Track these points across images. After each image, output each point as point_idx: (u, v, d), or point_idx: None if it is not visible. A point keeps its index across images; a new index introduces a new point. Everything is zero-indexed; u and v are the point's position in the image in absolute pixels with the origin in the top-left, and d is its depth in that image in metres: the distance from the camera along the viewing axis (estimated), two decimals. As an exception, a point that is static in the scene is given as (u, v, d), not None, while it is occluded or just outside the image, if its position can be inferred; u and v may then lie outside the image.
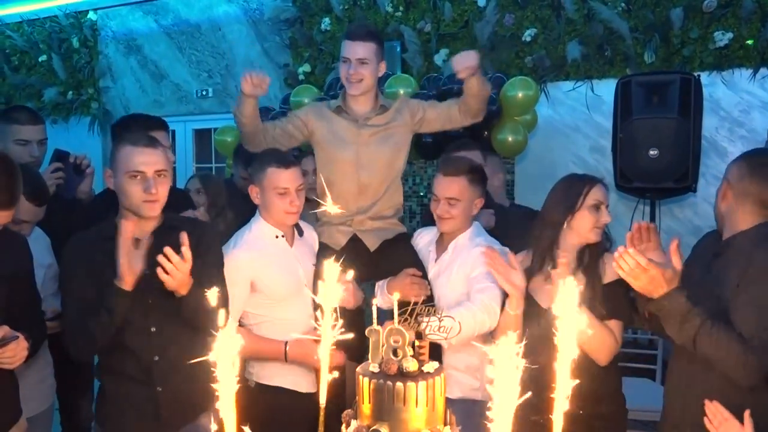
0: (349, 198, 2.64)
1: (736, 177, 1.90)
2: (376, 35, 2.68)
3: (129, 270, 1.86)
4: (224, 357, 1.05)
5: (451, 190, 2.40)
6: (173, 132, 5.95)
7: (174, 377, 2.03)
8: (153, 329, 2.02)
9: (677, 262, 1.79)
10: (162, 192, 2.00)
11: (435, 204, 2.46)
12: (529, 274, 2.18)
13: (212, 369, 0.99)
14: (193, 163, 6.01)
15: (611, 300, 2.08)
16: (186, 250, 1.84)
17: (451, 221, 2.43)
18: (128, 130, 2.48)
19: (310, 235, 2.59)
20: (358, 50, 2.56)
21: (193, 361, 2.09)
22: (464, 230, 2.49)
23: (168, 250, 1.82)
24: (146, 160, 1.97)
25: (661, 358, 3.35)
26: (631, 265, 1.74)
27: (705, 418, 1.67)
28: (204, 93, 5.77)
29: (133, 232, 1.88)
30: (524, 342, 0.98)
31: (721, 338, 1.73)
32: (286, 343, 2.29)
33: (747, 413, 1.59)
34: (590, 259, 2.14)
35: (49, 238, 2.43)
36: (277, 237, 2.40)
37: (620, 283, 2.07)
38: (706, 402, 1.67)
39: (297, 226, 2.49)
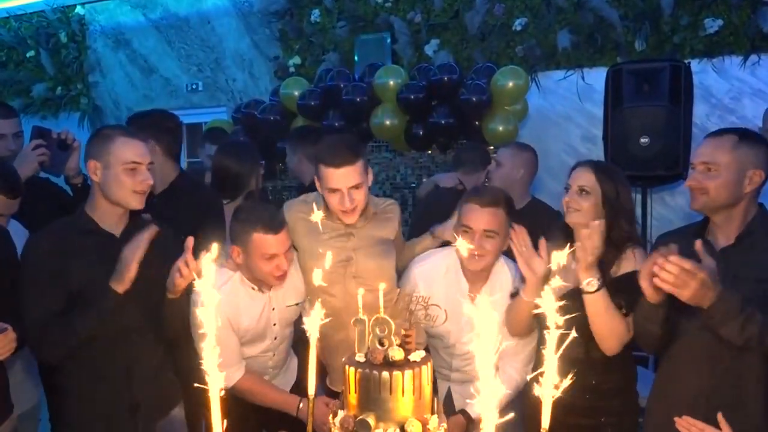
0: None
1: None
2: (359, 150, 2.22)
3: (133, 276, 1.88)
4: (212, 361, 1.05)
5: (490, 222, 2.15)
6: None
7: (148, 373, 2.05)
8: (130, 328, 2.01)
9: (710, 260, 1.68)
10: (151, 184, 2.02)
11: (468, 237, 2.15)
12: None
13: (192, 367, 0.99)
14: (184, 158, 5.97)
15: (626, 292, 2.01)
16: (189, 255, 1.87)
17: (485, 258, 2.17)
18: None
19: (294, 273, 2.31)
20: (349, 177, 2.12)
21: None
22: (494, 264, 2.26)
23: (189, 255, 1.85)
24: (142, 152, 1.99)
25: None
26: (676, 272, 1.59)
27: None
28: (194, 87, 5.73)
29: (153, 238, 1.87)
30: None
31: None
32: (300, 401, 2.17)
33: (720, 416, 1.54)
34: (604, 254, 2.03)
35: (30, 225, 2.36)
36: (253, 289, 2.21)
37: (631, 276, 2.00)
38: (676, 419, 1.60)
39: None
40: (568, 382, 0.97)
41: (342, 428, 1.28)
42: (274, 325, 2.28)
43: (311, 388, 1.54)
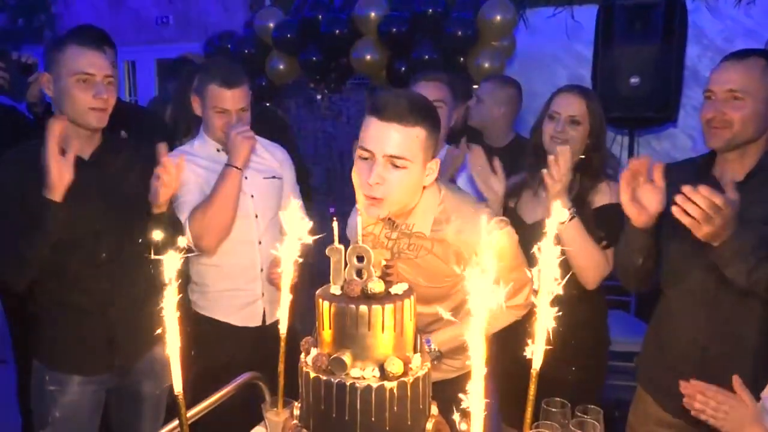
0: None
1: None
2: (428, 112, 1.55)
3: (60, 178, 1.67)
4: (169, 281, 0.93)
5: (433, 94, 2.14)
6: (133, 63, 5.67)
7: (126, 306, 1.95)
8: (104, 255, 1.90)
9: (736, 196, 1.50)
10: (111, 101, 1.85)
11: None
12: (518, 190, 2.15)
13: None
14: (155, 94, 5.73)
15: (605, 225, 1.97)
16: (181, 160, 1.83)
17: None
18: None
19: (264, 151, 2.34)
20: (389, 140, 1.48)
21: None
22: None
23: (166, 159, 1.77)
24: (96, 62, 1.81)
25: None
26: (705, 206, 1.42)
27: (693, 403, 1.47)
28: (164, 20, 5.46)
29: (62, 131, 1.68)
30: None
31: None
32: (226, 165, 2.12)
33: (736, 378, 1.41)
34: (581, 184, 2.02)
35: None
36: (218, 150, 2.22)
37: (610, 208, 1.96)
38: (681, 383, 1.49)
39: None
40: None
41: (315, 367, 1.16)
42: (252, 197, 2.24)
43: (283, 326, 1.42)
